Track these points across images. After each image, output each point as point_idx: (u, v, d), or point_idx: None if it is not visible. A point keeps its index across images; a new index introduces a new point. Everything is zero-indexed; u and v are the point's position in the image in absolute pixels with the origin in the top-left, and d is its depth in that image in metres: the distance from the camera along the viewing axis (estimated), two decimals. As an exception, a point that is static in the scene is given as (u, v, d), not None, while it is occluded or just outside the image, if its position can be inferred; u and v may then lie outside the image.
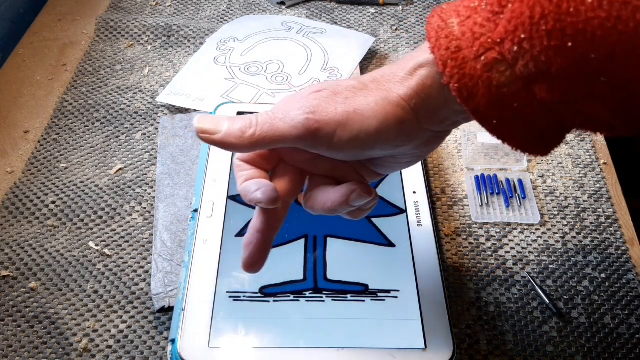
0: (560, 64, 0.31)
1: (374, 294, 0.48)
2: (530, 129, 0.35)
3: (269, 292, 0.48)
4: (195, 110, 0.67)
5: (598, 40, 0.29)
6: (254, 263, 0.42)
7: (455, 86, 0.34)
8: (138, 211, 0.58)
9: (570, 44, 0.30)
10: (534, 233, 0.57)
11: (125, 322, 0.50)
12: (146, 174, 0.62)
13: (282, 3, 0.84)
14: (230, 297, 0.47)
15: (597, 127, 0.34)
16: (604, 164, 0.63)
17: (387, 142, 0.39)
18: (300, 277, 0.49)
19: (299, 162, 0.43)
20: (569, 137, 0.66)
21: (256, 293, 0.48)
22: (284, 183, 0.42)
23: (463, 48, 0.34)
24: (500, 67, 0.33)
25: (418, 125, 0.38)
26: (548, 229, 0.57)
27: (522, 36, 0.31)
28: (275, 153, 0.42)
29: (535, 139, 0.35)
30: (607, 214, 0.58)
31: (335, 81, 0.41)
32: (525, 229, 0.57)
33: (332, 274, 0.49)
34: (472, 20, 0.34)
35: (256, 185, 0.40)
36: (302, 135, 0.38)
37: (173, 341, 0.45)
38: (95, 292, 0.52)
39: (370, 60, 0.76)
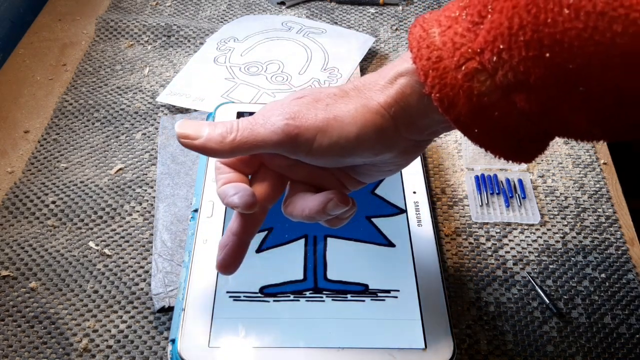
0: (538, 74, 0.31)
1: (374, 293, 0.48)
2: (509, 138, 0.35)
3: (269, 292, 0.48)
4: (195, 110, 0.67)
5: (575, 50, 0.29)
6: (228, 265, 0.42)
7: (437, 96, 0.35)
8: (138, 211, 0.58)
9: (547, 55, 0.30)
10: (534, 233, 0.57)
11: (125, 322, 0.50)
12: (146, 174, 0.62)
13: (282, 3, 0.84)
14: (230, 297, 0.47)
15: (577, 135, 0.34)
16: (604, 163, 0.63)
17: (366, 149, 0.39)
18: (300, 277, 0.49)
19: (279, 167, 0.42)
20: (569, 137, 0.66)
21: (256, 293, 0.48)
22: (263, 188, 0.42)
23: (444, 58, 0.34)
24: (481, 76, 0.34)
25: (397, 134, 0.38)
26: (548, 229, 0.57)
27: (501, 46, 0.32)
28: (255, 158, 0.42)
29: (514, 147, 0.36)
30: (607, 214, 0.58)
31: (318, 88, 0.41)
32: (525, 229, 0.57)
33: (332, 274, 0.49)
34: (453, 30, 0.35)
35: (234, 190, 0.40)
36: (282, 141, 0.38)
37: (173, 341, 0.45)
38: (96, 292, 0.52)
39: (370, 60, 0.76)
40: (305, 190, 0.42)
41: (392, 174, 0.43)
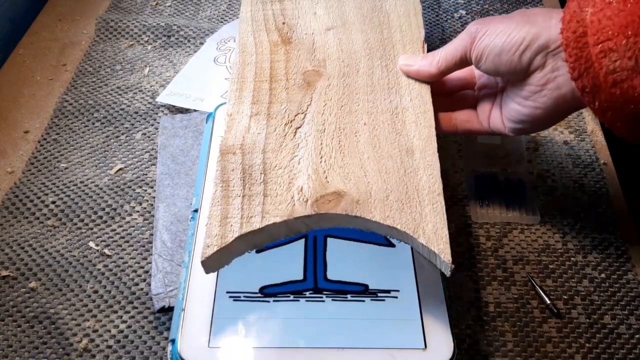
0: None
1: (373, 294, 0.48)
2: (629, 118, 0.41)
3: (269, 292, 0.48)
4: (195, 110, 0.67)
5: None
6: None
7: (571, 65, 0.42)
8: (138, 211, 0.58)
9: None
10: (534, 233, 0.57)
11: (125, 322, 0.50)
12: (146, 174, 0.62)
13: (282, 3, 0.84)
14: (230, 297, 0.47)
15: None
16: (604, 164, 0.63)
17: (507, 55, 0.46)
18: (300, 277, 0.49)
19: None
20: (569, 136, 0.66)
21: (256, 293, 0.48)
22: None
23: (587, 35, 0.41)
24: (613, 56, 0.39)
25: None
26: (548, 229, 0.57)
27: (629, 32, 0.38)
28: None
29: (631, 126, 0.42)
30: (606, 214, 0.58)
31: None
32: (525, 229, 0.57)
33: (332, 274, 0.49)
34: (603, 13, 0.40)
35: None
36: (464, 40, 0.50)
37: (173, 341, 0.45)
38: (95, 292, 0.52)
39: (370, 60, 0.76)
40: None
41: (528, 113, 0.48)
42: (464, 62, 0.51)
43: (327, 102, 0.52)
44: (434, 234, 0.43)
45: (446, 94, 0.56)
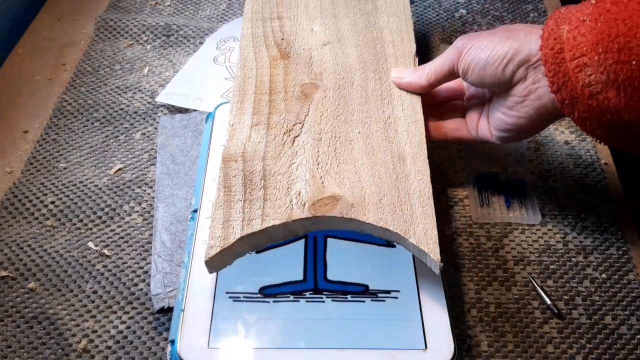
0: (625, 76, 0.40)
1: (374, 294, 0.48)
2: (605, 127, 0.44)
3: (268, 292, 0.48)
4: (195, 110, 0.67)
5: None
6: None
7: (551, 79, 0.44)
8: (137, 211, 0.58)
9: (634, 62, 0.39)
10: (535, 233, 0.57)
11: (124, 322, 0.50)
12: (145, 174, 0.61)
13: (282, 2, 0.84)
14: (229, 297, 0.47)
15: None
16: (605, 164, 0.63)
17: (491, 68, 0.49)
18: (300, 277, 0.49)
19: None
20: (570, 137, 0.65)
21: (256, 293, 0.48)
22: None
23: (564, 50, 0.43)
24: (588, 70, 0.42)
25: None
26: (549, 229, 0.57)
27: (600, 50, 0.41)
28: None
29: (607, 135, 0.45)
30: (607, 214, 0.58)
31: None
32: (525, 229, 0.57)
33: (332, 275, 0.49)
34: (578, 30, 0.43)
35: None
36: (452, 54, 0.52)
37: (172, 342, 0.45)
38: (95, 292, 0.52)
39: (370, 60, 0.76)
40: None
41: (512, 122, 0.50)
42: (452, 74, 0.53)
43: (324, 113, 0.53)
44: (424, 235, 0.45)
45: (437, 104, 0.58)
